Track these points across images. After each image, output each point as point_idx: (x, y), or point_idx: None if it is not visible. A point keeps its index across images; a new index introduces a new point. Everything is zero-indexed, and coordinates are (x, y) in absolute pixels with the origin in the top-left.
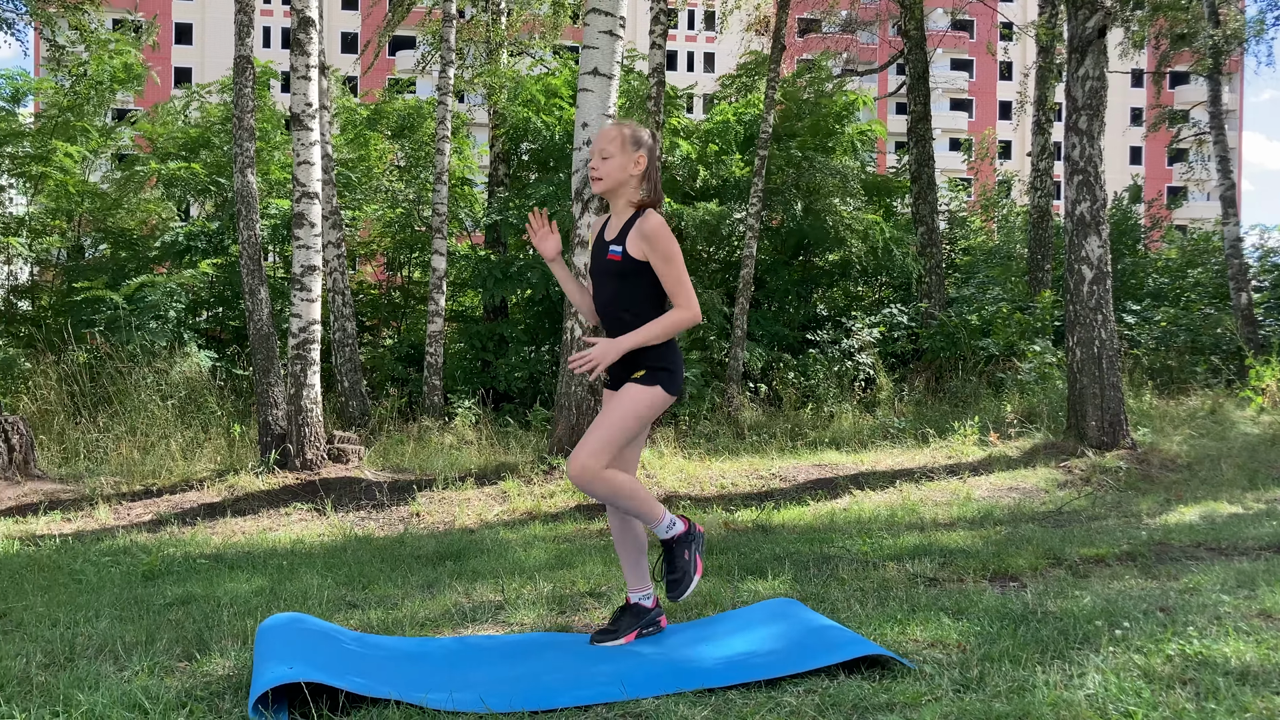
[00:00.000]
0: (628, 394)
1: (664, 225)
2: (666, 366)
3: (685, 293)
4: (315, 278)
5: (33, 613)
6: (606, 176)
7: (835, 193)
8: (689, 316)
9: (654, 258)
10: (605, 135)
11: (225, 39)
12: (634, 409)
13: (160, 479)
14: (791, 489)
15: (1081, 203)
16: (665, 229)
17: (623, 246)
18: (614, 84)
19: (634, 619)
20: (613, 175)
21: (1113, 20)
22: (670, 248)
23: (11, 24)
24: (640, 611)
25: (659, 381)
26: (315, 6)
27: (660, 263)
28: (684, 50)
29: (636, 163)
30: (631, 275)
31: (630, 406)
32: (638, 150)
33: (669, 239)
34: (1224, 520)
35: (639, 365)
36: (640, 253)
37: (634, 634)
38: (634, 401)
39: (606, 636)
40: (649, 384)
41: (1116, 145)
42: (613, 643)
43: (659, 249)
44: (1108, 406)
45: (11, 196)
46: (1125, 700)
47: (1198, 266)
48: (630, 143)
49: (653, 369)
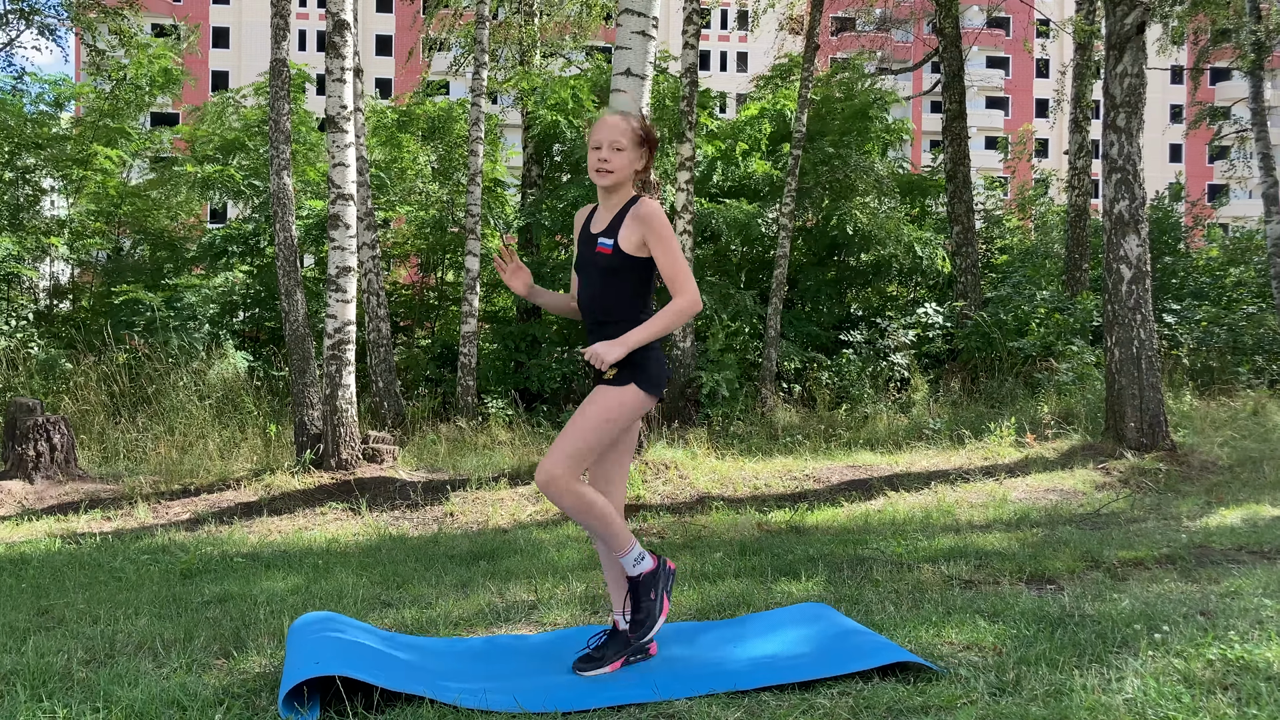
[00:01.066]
0: (599, 396)
1: (659, 209)
2: (641, 363)
3: (684, 278)
4: (350, 279)
5: (74, 610)
6: (618, 170)
7: (869, 191)
8: (689, 304)
9: (651, 240)
10: (614, 126)
11: (262, 42)
12: (604, 412)
13: (198, 478)
14: (825, 490)
15: (1120, 201)
16: (661, 211)
17: (614, 239)
18: (647, 84)
19: (621, 646)
20: (624, 169)
21: (1151, 16)
22: (667, 231)
23: (53, 30)
24: (628, 638)
25: (633, 379)
26: (350, 9)
27: (658, 246)
28: (716, 50)
29: (642, 157)
30: (621, 270)
31: (600, 409)
32: (643, 145)
33: (665, 222)
34: (1266, 523)
35: (618, 363)
36: (632, 245)
37: (620, 662)
38: (604, 404)
39: (589, 664)
40: (621, 384)
41: (1156, 143)
42: (595, 671)
43: (656, 230)
44: (1147, 407)
45: (53, 199)
46: (1165, 705)
47: (1240, 265)
48: (640, 136)
49: (627, 366)
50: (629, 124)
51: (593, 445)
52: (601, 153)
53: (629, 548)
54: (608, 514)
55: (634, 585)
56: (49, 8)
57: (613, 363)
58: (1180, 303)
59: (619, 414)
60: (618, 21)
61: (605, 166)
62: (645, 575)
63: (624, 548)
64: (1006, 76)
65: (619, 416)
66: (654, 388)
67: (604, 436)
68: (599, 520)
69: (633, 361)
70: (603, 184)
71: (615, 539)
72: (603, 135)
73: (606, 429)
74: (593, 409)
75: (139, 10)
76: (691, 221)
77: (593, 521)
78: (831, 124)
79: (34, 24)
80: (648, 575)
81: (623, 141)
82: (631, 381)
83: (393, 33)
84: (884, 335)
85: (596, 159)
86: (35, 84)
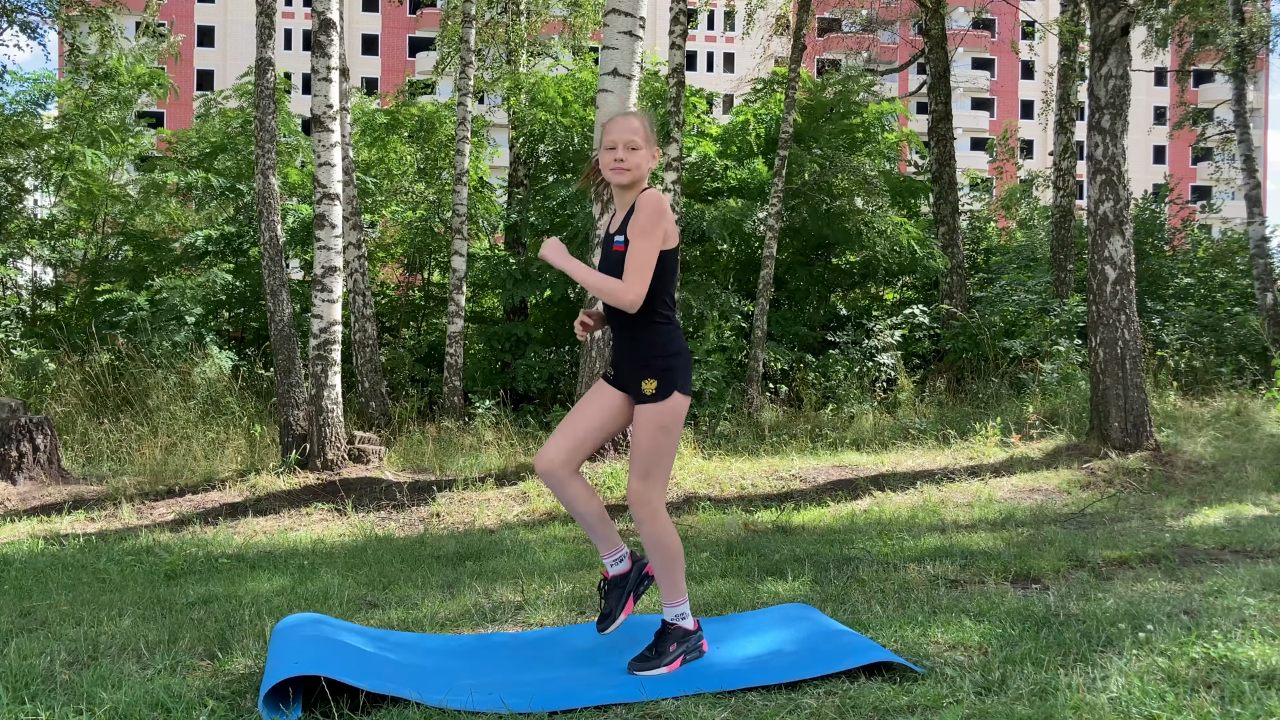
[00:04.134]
0: (650, 416)
1: (661, 201)
2: (672, 366)
3: (639, 277)
4: (336, 278)
5: (57, 611)
6: (635, 168)
7: (858, 192)
8: (625, 297)
9: (634, 227)
10: (628, 126)
11: (247, 41)
12: (659, 428)
13: (183, 479)
14: (812, 490)
15: (1105, 202)
16: (659, 205)
17: (624, 235)
18: (634, 85)
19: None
20: (641, 167)
21: (1136, 18)
22: (652, 224)
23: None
24: (683, 635)
25: (675, 388)
26: (336, 9)
27: (636, 233)
28: (703, 51)
29: (654, 155)
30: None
31: (655, 428)
32: (653, 143)
33: (655, 215)
34: (1249, 523)
35: (649, 368)
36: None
37: (679, 662)
38: (657, 423)
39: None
40: (664, 396)
41: (1140, 144)
42: (652, 672)
43: (641, 219)
44: (1131, 407)
45: (36, 199)
46: (1149, 704)
47: (1223, 266)
48: (651, 135)
49: (664, 374)
50: (642, 122)
51: (664, 461)
52: (617, 152)
53: (680, 600)
54: (679, 557)
55: (664, 629)
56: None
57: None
58: (1164, 303)
59: (672, 420)
60: (604, 21)
61: (622, 166)
62: (679, 630)
63: (676, 598)
64: (992, 78)
65: (672, 423)
66: (688, 384)
67: (667, 450)
68: (669, 557)
69: (666, 368)
70: (620, 182)
71: (675, 582)
72: (617, 135)
73: (667, 441)
74: (648, 429)
75: (121, 10)
76: (679, 221)
77: (665, 559)
78: (822, 126)
79: (15, 21)
80: (681, 631)
81: (637, 140)
82: (674, 390)
83: (379, 32)
84: (870, 336)
85: (612, 159)
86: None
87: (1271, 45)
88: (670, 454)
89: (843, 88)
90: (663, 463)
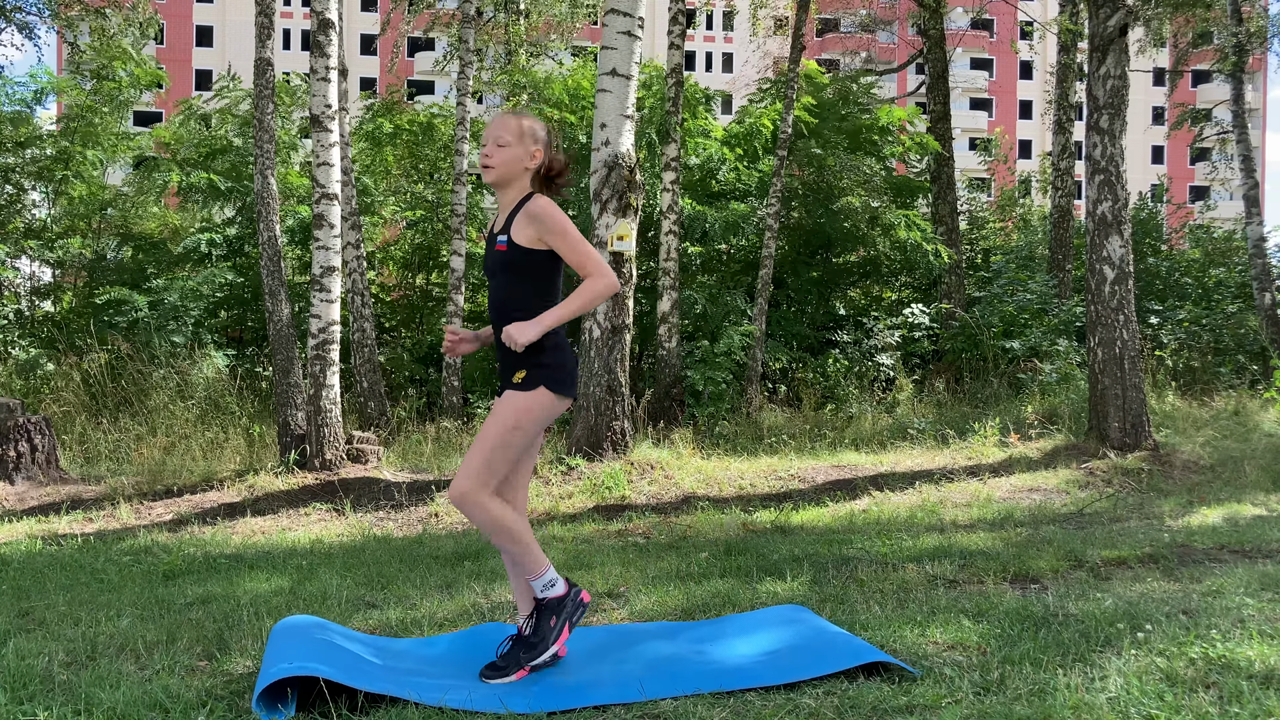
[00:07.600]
0: (506, 402)
1: (551, 204)
2: (549, 363)
3: (593, 261)
4: (334, 279)
5: (55, 611)
6: (499, 165)
7: (863, 191)
8: (605, 284)
9: (548, 236)
10: (502, 124)
11: (246, 41)
12: (513, 419)
13: (181, 479)
14: (810, 490)
15: (1103, 202)
16: (552, 205)
17: (507, 235)
18: (632, 84)
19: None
20: (506, 165)
21: (1134, 18)
22: (561, 222)
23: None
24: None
25: (542, 382)
26: (335, 9)
27: (557, 239)
28: (702, 50)
29: (533, 156)
30: (520, 267)
31: (509, 416)
32: (535, 144)
33: (557, 213)
34: (1247, 522)
35: (520, 364)
36: (526, 239)
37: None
38: (513, 410)
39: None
40: (530, 388)
41: (1138, 144)
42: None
43: (549, 226)
44: (1129, 407)
45: (34, 200)
46: (1147, 704)
47: (1220, 266)
48: (528, 135)
49: (535, 368)
50: (517, 121)
51: (504, 456)
52: (486, 148)
53: (541, 570)
54: (522, 535)
55: (539, 607)
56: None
57: (525, 344)
58: (1163, 303)
59: (528, 420)
60: (603, 21)
61: (485, 161)
62: (552, 600)
63: (536, 570)
64: (991, 78)
65: (528, 423)
66: (565, 389)
67: (514, 445)
68: (512, 540)
69: (541, 362)
70: (486, 179)
71: (529, 562)
72: (489, 132)
73: (516, 437)
74: (500, 417)
75: (121, 9)
76: (678, 222)
77: (507, 541)
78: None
79: (13, 21)
80: (554, 601)
81: (506, 137)
82: (540, 384)
83: (377, 32)
84: (870, 335)
85: (481, 155)
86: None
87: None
88: (511, 456)
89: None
90: (499, 460)
